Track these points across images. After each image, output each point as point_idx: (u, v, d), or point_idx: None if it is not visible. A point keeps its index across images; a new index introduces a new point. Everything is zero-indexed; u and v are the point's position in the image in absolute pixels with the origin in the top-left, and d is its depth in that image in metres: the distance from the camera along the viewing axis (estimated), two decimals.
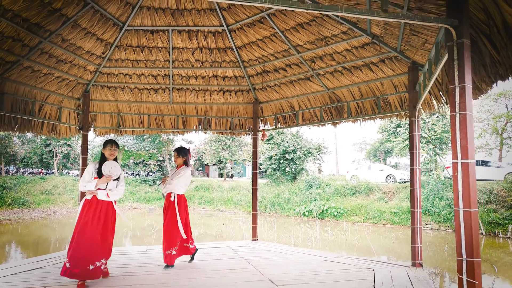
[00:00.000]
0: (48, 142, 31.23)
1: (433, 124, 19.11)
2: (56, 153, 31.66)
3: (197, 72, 6.65)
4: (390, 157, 34.18)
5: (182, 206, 4.73)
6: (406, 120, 5.28)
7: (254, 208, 6.84)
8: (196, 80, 6.78)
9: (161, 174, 31.81)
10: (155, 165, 32.44)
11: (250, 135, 7.21)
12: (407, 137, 18.76)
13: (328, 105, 6.21)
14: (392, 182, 20.74)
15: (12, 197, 23.29)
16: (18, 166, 33.62)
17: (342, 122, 6.15)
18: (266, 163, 23.79)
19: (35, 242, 13.37)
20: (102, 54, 5.99)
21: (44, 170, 32.96)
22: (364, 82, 5.60)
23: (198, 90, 6.93)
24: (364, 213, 17.28)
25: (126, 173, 33.62)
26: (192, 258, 4.95)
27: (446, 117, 18.69)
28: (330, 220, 17.77)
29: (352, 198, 18.85)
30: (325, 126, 6.41)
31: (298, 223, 17.33)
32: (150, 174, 32.10)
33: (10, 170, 32.61)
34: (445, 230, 14.68)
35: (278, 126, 7.00)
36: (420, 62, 4.68)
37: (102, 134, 6.96)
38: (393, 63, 5.10)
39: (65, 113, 6.20)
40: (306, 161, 24.09)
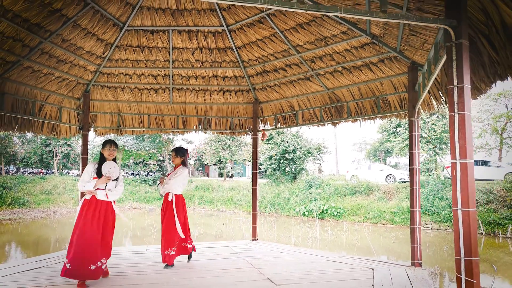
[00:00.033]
0: (48, 142, 31.25)
1: (433, 124, 19.13)
2: (56, 153, 31.68)
3: (197, 72, 6.66)
4: (390, 157, 34.21)
5: (180, 206, 4.73)
6: (406, 120, 5.29)
7: (254, 208, 6.85)
8: (196, 80, 6.79)
9: (161, 174, 31.82)
10: (155, 165, 32.47)
11: (250, 135, 7.22)
12: (407, 137, 18.75)
13: (328, 105, 6.22)
14: (392, 182, 20.75)
15: (12, 197, 23.32)
16: (18, 166, 33.65)
17: (341, 122, 6.16)
18: (266, 163, 23.81)
19: (35, 242, 13.39)
20: (102, 54, 6.00)
21: (44, 170, 32.99)
22: (363, 82, 5.62)
23: (198, 90, 6.94)
24: (364, 213, 17.30)
25: (126, 173, 33.65)
26: (189, 258, 4.95)
27: (446, 117, 18.70)
28: (330, 220, 17.78)
29: (352, 198, 18.87)
30: (325, 126, 6.42)
31: (298, 223, 17.35)
32: (150, 174, 32.13)
33: (10, 170, 32.64)
34: (445, 230, 14.69)
35: (278, 126, 7.01)
36: (419, 62, 4.69)
37: (102, 134, 6.98)
38: (392, 63, 5.11)
39: (65, 113, 6.21)
40: (306, 161, 24.10)
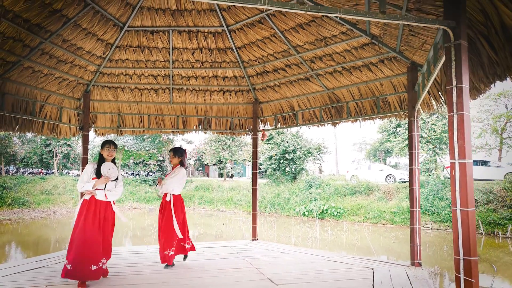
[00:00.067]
0: (48, 142, 31.27)
1: (432, 124, 19.14)
2: (56, 153, 31.69)
3: (197, 72, 6.67)
4: (390, 157, 34.23)
5: (179, 206, 4.71)
6: (406, 120, 5.31)
7: (254, 208, 6.86)
8: (196, 80, 6.80)
9: (161, 174, 31.84)
10: (155, 165, 32.49)
11: (250, 135, 7.23)
12: (407, 137, 18.77)
13: (327, 105, 6.24)
14: (392, 182, 20.77)
15: (12, 197, 23.33)
16: (18, 166, 33.67)
17: (341, 122, 6.17)
18: (266, 163, 23.82)
19: (35, 242, 13.40)
20: (103, 55, 6.01)
21: (44, 170, 33.00)
22: (363, 82, 5.63)
23: (198, 90, 6.95)
24: (364, 213, 17.31)
25: (126, 173, 33.66)
26: (185, 257, 4.88)
27: (445, 117, 18.70)
28: (330, 220, 17.79)
29: (352, 198, 18.88)
30: (324, 126, 6.43)
31: (298, 223, 17.36)
32: (150, 174, 32.14)
33: (10, 170, 32.65)
34: (444, 230, 14.70)
35: (278, 126, 7.02)
36: (419, 63, 4.71)
37: (103, 134, 6.99)
38: (392, 64, 5.12)
39: (65, 113, 6.22)
40: (306, 161, 24.11)
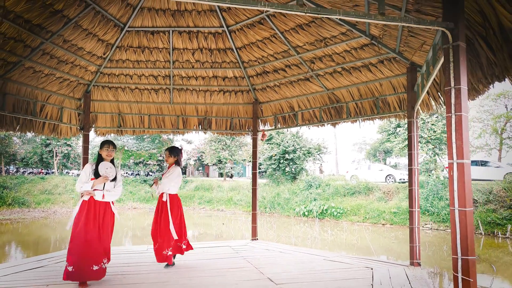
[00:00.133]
0: (48, 142, 31.30)
1: (432, 124, 19.16)
2: (56, 153, 31.72)
3: (197, 72, 6.69)
4: (390, 157, 34.26)
5: (175, 206, 4.66)
6: (405, 120, 5.33)
7: (254, 207, 6.88)
8: (196, 80, 6.82)
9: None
10: (155, 165, 32.52)
11: (250, 135, 7.25)
12: (407, 137, 18.80)
13: (327, 105, 6.26)
14: (391, 182, 20.78)
15: (12, 196, 23.36)
16: (18, 166, 33.70)
17: (341, 122, 6.19)
18: (266, 163, 23.84)
19: (35, 242, 13.42)
20: (103, 55, 6.03)
21: (44, 170, 33.03)
22: (363, 82, 5.65)
23: (198, 90, 6.97)
24: (363, 213, 17.33)
25: (126, 173, 33.69)
26: (174, 256, 4.81)
27: (445, 117, 18.73)
28: (329, 220, 17.81)
29: (351, 198, 18.90)
30: (324, 126, 6.45)
31: (298, 223, 17.38)
32: (150, 174, 32.16)
33: (10, 170, 32.69)
34: (444, 230, 14.73)
35: (278, 126, 7.04)
36: (418, 63, 4.72)
37: (103, 134, 7.01)
38: (391, 64, 5.14)
39: (66, 113, 6.24)
40: (306, 161, 24.14)
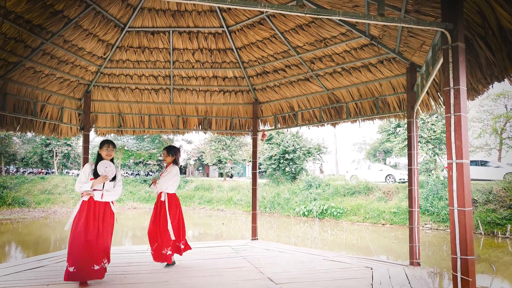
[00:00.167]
0: (48, 142, 31.32)
1: (432, 124, 19.18)
2: (56, 152, 31.73)
3: (197, 72, 6.70)
4: (390, 157, 34.27)
5: (173, 205, 4.64)
6: (405, 120, 5.34)
7: (254, 207, 6.89)
8: (196, 80, 6.83)
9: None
10: (155, 165, 32.53)
11: (250, 135, 7.26)
12: (406, 137, 18.80)
13: (327, 105, 6.27)
14: (391, 182, 20.79)
15: (12, 196, 23.37)
16: (18, 165, 33.71)
17: (341, 122, 6.20)
18: (266, 163, 23.85)
19: (35, 242, 13.43)
20: (103, 55, 6.04)
21: (44, 170, 33.04)
22: (363, 83, 5.66)
23: (198, 90, 6.98)
24: (363, 213, 17.34)
25: (126, 172, 33.69)
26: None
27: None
28: (329, 220, 17.82)
29: (351, 198, 18.91)
30: (324, 126, 6.46)
31: (298, 223, 17.39)
32: (150, 174, 32.18)
33: (10, 169, 32.70)
34: (444, 230, 14.74)
35: (278, 126, 7.05)
36: (418, 64, 4.73)
37: (103, 134, 7.02)
38: (391, 64, 5.15)
39: (66, 113, 6.25)
40: (306, 161, 24.15)
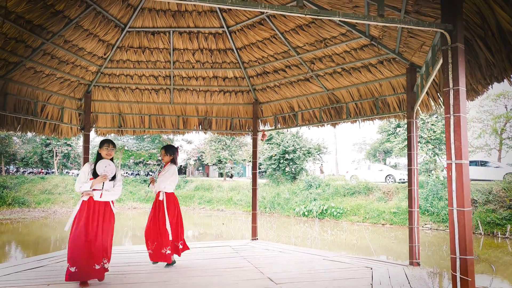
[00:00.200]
0: (48, 141, 31.32)
1: (432, 124, 19.18)
2: (56, 152, 31.73)
3: (197, 73, 6.71)
4: (390, 157, 34.28)
5: (172, 205, 4.63)
6: (405, 120, 5.35)
7: (254, 207, 6.90)
8: (196, 80, 6.84)
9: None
10: (155, 164, 32.53)
11: (250, 136, 7.27)
12: (406, 137, 18.80)
13: (327, 105, 6.27)
14: (391, 182, 20.80)
15: (12, 196, 23.37)
16: (18, 165, 33.71)
17: (341, 122, 6.21)
18: (266, 163, 23.85)
19: (36, 242, 13.44)
20: (104, 55, 6.05)
21: (44, 170, 33.04)
22: (362, 83, 5.66)
23: (198, 90, 6.99)
24: (363, 213, 17.35)
25: (126, 172, 33.70)
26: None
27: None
28: (329, 220, 17.83)
29: (351, 198, 18.92)
30: (324, 126, 6.47)
31: (298, 223, 17.39)
32: (150, 174, 32.19)
33: (10, 169, 32.69)
34: (444, 230, 14.74)
35: (278, 126, 7.06)
36: (418, 64, 4.74)
37: (104, 134, 7.02)
38: (391, 65, 5.16)
39: (67, 113, 6.26)
40: (306, 161, 24.16)
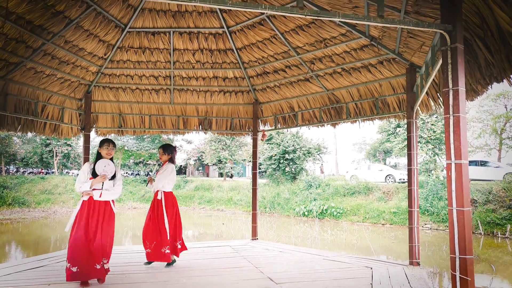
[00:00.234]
0: (48, 142, 31.32)
1: (432, 124, 19.19)
2: (56, 152, 31.73)
3: (197, 73, 6.72)
4: (390, 157, 34.28)
5: (170, 204, 4.61)
6: (405, 120, 5.36)
7: (254, 207, 6.91)
8: (196, 81, 6.85)
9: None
10: (155, 164, 32.53)
11: (250, 136, 7.27)
12: (406, 137, 18.80)
13: (327, 106, 6.28)
14: (391, 182, 20.81)
15: (12, 196, 23.38)
16: (18, 165, 33.71)
17: (341, 122, 6.22)
18: (266, 163, 23.86)
19: (36, 242, 13.44)
20: (104, 56, 6.06)
21: (44, 170, 33.04)
22: (362, 83, 5.67)
23: (198, 91, 7.00)
24: (363, 213, 17.36)
25: (126, 172, 33.70)
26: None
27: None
28: (329, 220, 17.84)
29: (351, 198, 18.92)
30: (324, 126, 6.48)
31: (298, 223, 17.40)
32: (150, 174, 32.20)
33: (10, 169, 32.70)
34: (444, 230, 14.75)
35: (278, 126, 7.07)
36: (417, 64, 4.75)
37: (104, 134, 7.03)
38: (391, 65, 5.17)
39: (67, 113, 6.27)
40: (306, 161, 24.17)
